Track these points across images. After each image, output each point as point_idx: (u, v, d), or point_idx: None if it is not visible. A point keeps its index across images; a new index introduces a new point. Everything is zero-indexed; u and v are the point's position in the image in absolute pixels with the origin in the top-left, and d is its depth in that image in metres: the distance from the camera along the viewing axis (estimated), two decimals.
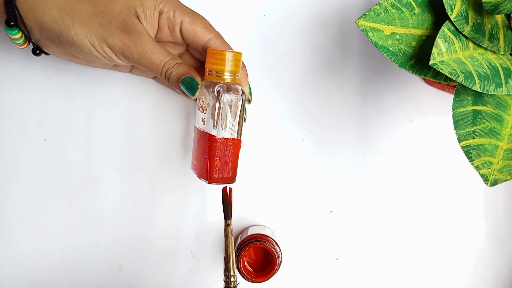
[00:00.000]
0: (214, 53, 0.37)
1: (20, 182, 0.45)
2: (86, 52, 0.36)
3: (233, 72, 0.37)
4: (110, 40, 0.35)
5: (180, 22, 0.38)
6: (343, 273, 0.47)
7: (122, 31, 0.35)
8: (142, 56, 0.36)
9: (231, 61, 0.37)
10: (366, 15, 0.34)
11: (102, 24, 0.35)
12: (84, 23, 0.35)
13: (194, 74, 0.38)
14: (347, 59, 0.46)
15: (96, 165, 0.45)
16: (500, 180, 0.33)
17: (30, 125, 0.45)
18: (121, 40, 0.35)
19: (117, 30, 0.35)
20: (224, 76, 0.37)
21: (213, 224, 0.46)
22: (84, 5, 0.35)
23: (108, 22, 0.35)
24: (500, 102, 0.35)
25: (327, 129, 0.46)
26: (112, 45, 0.35)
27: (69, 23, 0.35)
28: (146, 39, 0.36)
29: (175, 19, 0.37)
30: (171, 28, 0.38)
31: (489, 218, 0.48)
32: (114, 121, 0.45)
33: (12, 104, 0.45)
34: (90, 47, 0.35)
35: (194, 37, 0.38)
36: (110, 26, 0.35)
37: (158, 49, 0.36)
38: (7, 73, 0.44)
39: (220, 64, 0.37)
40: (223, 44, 0.39)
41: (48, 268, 0.45)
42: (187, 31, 0.38)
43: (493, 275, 0.48)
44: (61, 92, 0.45)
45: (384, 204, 0.47)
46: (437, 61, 0.32)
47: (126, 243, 0.46)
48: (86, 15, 0.35)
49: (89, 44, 0.35)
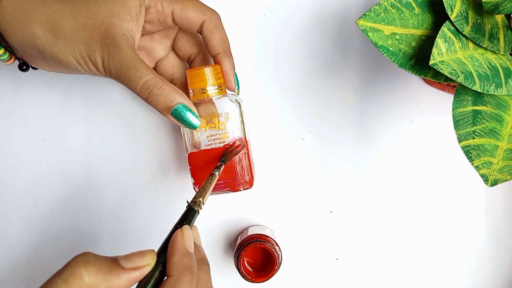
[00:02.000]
0: (192, 74, 0.37)
1: (20, 182, 0.45)
2: (72, 68, 0.34)
3: (218, 84, 0.37)
4: (92, 56, 0.33)
5: (171, 12, 0.36)
6: (343, 273, 0.47)
7: (101, 45, 0.33)
8: (118, 71, 0.33)
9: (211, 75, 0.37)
10: (366, 15, 0.34)
11: (84, 39, 0.33)
12: (67, 40, 0.33)
13: (187, 101, 0.34)
14: (347, 59, 0.46)
15: (96, 165, 0.45)
16: (500, 180, 0.33)
17: (30, 125, 0.45)
18: (100, 55, 0.33)
19: (98, 45, 0.33)
20: (208, 92, 0.37)
21: (213, 224, 0.46)
22: (66, 19, 0.33)
23: (90, 36, 0.33)
24: (500, 102, 0.35)
25: (327, 129, 0.46)
26: (95, 62, 0.33)
27: (52, 40, 0.33)
28: (124, 51, 0.33)
29: (165, 10, 0.36)
30: (161, 20, 0.36)
31: (489, 218, 0.48)
32: (114, 120, 0.45)
33: (12, 104, 0.45)
34: (75, 64, 0.34)
35: (188, 22, 0.36)
36: (91, 41, 0.33)
37: (137, 64, 0.33)
38: (7, 73, 0.44)
39: (201, 81, 0.37)
40: (217, 26, 0.37)
41: (48, 268, 0.45)
42: (180, 18, 0.36)
43: (494, 275, 0.48)
44: (61, 92, 0.45)
45: (384, 204, 0.47)
46: (437, 61, 0.32)
47: (126, 243, 0.46)
48: (69, 30, 0.33)
49: (74, 61, 0.34)
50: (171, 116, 0.34)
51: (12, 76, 0.44)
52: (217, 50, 0.38)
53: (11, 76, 0.44)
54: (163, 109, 0.33)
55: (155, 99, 0.33)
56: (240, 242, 0.43)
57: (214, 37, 0.37)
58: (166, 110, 0.33)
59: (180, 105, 0.33)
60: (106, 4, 0.34)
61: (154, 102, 0.33)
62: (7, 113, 0.45)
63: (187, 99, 0.34)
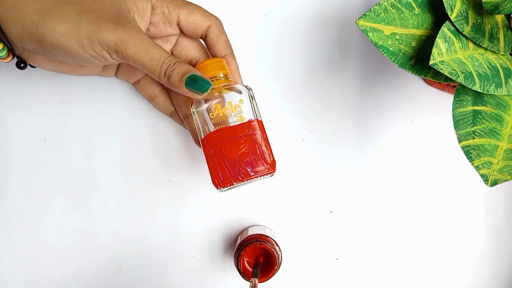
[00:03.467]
0: (201, 66, 0.37)
1: (20, 182, 0.45)
2: (74, 54, 0.33)
3: (225, 74, 0.38)
4: (102, 35, 0.32)
5: (177, 16, 0.36)
6: (343, 273, 0.47)
7: (115, 24, 0.32)
8: (139, 51, 0.32)
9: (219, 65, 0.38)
10: (366, 15, 0.34)
11: (92, 19, 0.32)
12: (70, 22, 0.32)
13: (199, 73, 0.35)
14: (347, 59, 0.46)
15: (96, 164, 0.45)
16: (500, 180, 0.33)
17: (30, 125, 0.45)
18: (114, 33, 0.32)
19: (109, 24, 0.32)
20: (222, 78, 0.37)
21: (213, 224, 0.46)
22: (69, 6, 0.32)
23: (98, 16, 0.32)
24: (500, 102, 0.35)
25: (327, 129, 0.46)
26: (104, 41, 0.32)
27: (52, 26, 0.32)
28: (141, 32, 0.33)
29: (171, 14, 0.36)
30: (167, 23, 0.37)
31: (489, 218, 0.48)
32: (114, 120, 0.45)
33: (12, 104, 0.45)
34: (78, 49, 0.32)
35: (195, 27, 0.37)
36: (101, 20, 0.32)
37: (156, 45, 0.33)
38: (7, 73, 0.44)
39: (212, 69, 0.37)
40: (222, 30, 0.38)
41: (48, 268, 0.45)
42: (187, 23, 0.37)
43: (494, 275, 0.48)
44: (61, 92, 0.45)
45: (384, 204, 0.47)
46: (437, 61, 0.32)
47: (126, 243, 0.46)
48: (73, 14, 0.32)
49: (77, 45, 0.32)
50: (184, 87, 0.34)
51: (12, 76, 0.44)
52: (223, 52, 0.39)
53: (11, 76, 0.44)
54: (178, 81, 0.34)
55: (172, 72, 0.34)
56: (240, 242, 0.43)
57: (220, 40, 0.38)
58: (180, 79, 0.34)
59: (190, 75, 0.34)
60: None
61: (171, 75, 0.34)
62: (7, 113, 0.45)
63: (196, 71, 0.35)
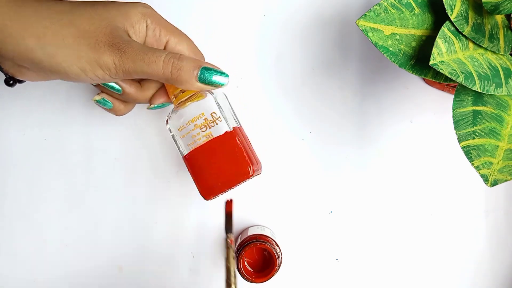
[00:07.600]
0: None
1: (20, 182, 0.45)
2: (74, 78, 0.33)
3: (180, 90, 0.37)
4: (101, 60, 0.32)
5: (166, 42, 0.36)
6: (343, 273, 0.47)
7: (110, 46, 0.32)
8: (136, 61, 0.32)
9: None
10: (366, 15, 0.34)
11: (90, 44, 0.32)
12: (70, 48, 0.31)
13: (209, 64, 0.34)
14: (347, 59, 0.46)
15: (96, 164, 0.45)
16: (500, 180, 0.33)
17: (30, 125, 0.45)
18: (110, 56, 0.32)
19: (105, 47, 0.32)
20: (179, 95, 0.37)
21: (213, 224, 0.46)
22: (66, 29, 0.31)
23: (95, 41, 0.32)
24: (500, 102, 0.35)
25: (327, 129, 0.46)
26: (104, 65, 0.32)
27: (51, 51, 0.31)
28: (134, 44, 0.32)
29: (161, 38, 0.35)
30: (155, 44, 0.36)
31: (489, 218, 0.48)
32: (114, 120, 0.45)
33: (12, 104, 0.45)
34: (79, 73, 0.32)
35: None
36: (98, 45, 0.32)
37: (149, 48, 0.33)
38: None
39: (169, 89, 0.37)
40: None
41: (48, 268, 0.45)
42: (172, 50, 0.36)
43: (494, 276, 0.48)
44: (61, 92, 0.45)
45: (384, 204, 0.47)
46: (437, 61, 0.32)
47: (126, 243, 0.46)
48: (71, 39, 0.31)
49: (79, 70, 0.32)
50: (199, 83, 0.33)
51: None
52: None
53: None
54: (189, 78, 0.33)
55: (179, 71, 0.33)
56: (240, 242, 0.43)
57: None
58: (192, 78, 0.33)
59: (203, 69, 0.33)
60: (109, 12, 0.33)
61: (179, 75, 0.33)
62: (7, 113, 0.45)
63: (207, 63, 0.34)
